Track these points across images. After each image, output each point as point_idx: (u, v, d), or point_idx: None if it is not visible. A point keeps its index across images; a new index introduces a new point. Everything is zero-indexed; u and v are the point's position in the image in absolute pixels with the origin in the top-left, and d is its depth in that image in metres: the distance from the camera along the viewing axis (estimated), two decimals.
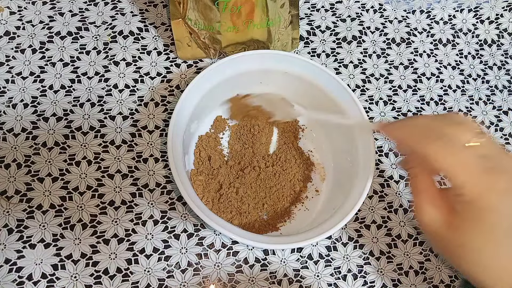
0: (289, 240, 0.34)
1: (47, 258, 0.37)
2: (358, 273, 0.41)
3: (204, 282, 0.38)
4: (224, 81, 0.39)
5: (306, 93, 0.41)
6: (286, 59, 0.40)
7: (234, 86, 0.41)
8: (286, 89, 0.42)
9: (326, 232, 0.34)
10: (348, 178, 0.38)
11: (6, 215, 0.37)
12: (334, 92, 0.40)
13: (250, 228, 0.39)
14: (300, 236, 0.34)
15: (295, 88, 0.41)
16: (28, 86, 0.41)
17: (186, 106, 0.37)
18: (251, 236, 0.34)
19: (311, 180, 0.42)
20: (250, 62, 0.39)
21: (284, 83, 0.41)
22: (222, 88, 0.40)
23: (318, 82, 0.40)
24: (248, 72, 0.40)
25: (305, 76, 0.40)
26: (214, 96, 0.40)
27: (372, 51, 0.48)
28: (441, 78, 0.49)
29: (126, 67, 0.43)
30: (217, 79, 0.39)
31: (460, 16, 0.51)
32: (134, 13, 0.45)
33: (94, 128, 0.41)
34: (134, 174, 0.40)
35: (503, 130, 0.48)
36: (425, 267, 0.42)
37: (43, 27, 0.43)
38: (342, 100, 0.39)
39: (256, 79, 0.41)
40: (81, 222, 0.38)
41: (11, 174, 0.39)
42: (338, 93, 0.39)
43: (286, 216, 0.40)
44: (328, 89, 0.40)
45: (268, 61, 0.40)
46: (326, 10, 0.49)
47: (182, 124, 0.37)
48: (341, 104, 0.39)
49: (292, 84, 0.41)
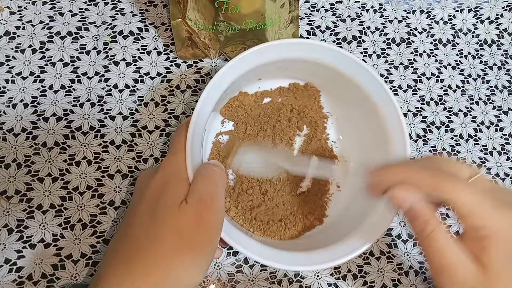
0: (321, 258, 0.32)
1: (47, 258, 0.37)
2: (358, 273, 0.41)
3: (204, 282, 0.38)
4: (249, 71, 0.36)
5: (331, 81, 0.39)
6: (314, 49, 0.36)
7: (258, 74, 0.39)
8: (313, 76, 0.40)
9: (359, 249, 0.32)
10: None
11: (6, 215, 0.37)
12: (359, 78, 0.37)
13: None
14: (331, 253, 0.33)
15: (321, 76, 0.39)
16: (28, 86, 0.41)
17: (208, 101, 0.34)
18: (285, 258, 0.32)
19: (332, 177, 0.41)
20: (277, 51, 0.36)
21: (310, 71, 0.39)
22: (245, 77, 0.37)
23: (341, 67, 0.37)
24: (274, 62, 0.37)
25: (332, 64, 0.37)
26: (235, 88, 0.38)
27: (372, 51, 0.48)
28: (441, 78, 0.49)
29: (126, 67, 0.43)
30: (242, 69, 0.35)
31: (460, 16, 0.51)
32: (134, 13, 0.45)
33: (94, 128, 0.41)
34: (134, 174, 0.40)
35: (503, 130, 0.48)
36: (425, 267, 0.42)
37: (43, 27, 0.43)
38: (368, 87, 0.37)
39: (281, 66, 0.39)
40: (81, 222, 0.38)
41: (11, 174, 0.39)
42: (366, 81, 0.36)
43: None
44: (356, 77, 0.37)
45: (295, 51, 0.36)
46: (326, 10, 0.49)
47: (203, 122, 0.34)
48: (367, 91, 0.37)
49: (319, 72, 0.38)
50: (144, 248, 0.27)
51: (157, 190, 0.29)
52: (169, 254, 0.27)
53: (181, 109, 0.43)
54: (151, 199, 0.29)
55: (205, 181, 0.30)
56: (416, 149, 0.46)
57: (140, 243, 0.27)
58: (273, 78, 0.41)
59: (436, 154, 0.46)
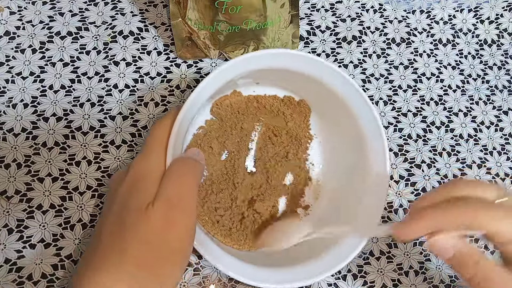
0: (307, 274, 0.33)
1: (47, 258, 0.37)
2: (358, 273, 0.41)
3: (204, 282, 0.38)
4: (248, 72, 0.36)
5: (319, 95, 0.39)
6: (306, 61, 0.36)
7: (257, 78, 0.39)
8: (309, 91, 0.40)
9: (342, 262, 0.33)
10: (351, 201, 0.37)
11: (6, 215, 0.37)
12: (346, 95, 0.37)
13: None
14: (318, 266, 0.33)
15: (310, 90, 0.39)
16: (28, 86, 0.41)
17: (195, 103, 0.33)
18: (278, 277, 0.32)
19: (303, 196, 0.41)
20: (268, 61, 0.36)
21: (301, 84, 0.39)
22: (243, 77, 0.37)
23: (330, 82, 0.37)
24: (264, 70, 0.36)
25: (322, 78, 0.37)
26: (231, 86, 0.37)
27: (372, 51, 0.48)
28: (441, 78, 0.49)
29: (126, 67, 0.43)
30: (234, 74, 0.35)
31: (460, 16, 0.51)
32: (134, 13, 0.45)
33: (94, 128, 0.41)
34: None
35: (503, 130, 0.48)
36: (425, 267, 0.42)
37: (43, 27, 0.43)
38: (355, 106, 0.36)
39: (274, 77, 0.39)
40: (81, 222, 0.38)
41: (11, 174, 0.39)
42: (361, 111, 0.36)
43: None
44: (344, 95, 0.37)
45: (285, 61, 0.36)
46: (326, 10, 0.49)
47: (186, 123, 0.33)
48: (353, 110, 0.36)
49: (310, 86, 0.38)
50: (112, 260, 0.25)
51: (125, 194, 0.28)
52: (136, 267, 0.25)
53: None
54: (119, 205, 0.28)
55: (174, 179, 0.28)
56: (416, 149, 0.46)
57: (109, 254, 0.26)
58: (271, 86, 0.41)
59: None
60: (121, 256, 0.25)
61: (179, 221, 0.26)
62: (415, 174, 0.45)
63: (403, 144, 0.46)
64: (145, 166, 0.28)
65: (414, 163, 0.45)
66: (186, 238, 0.27)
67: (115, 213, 0.27)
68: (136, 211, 0.26)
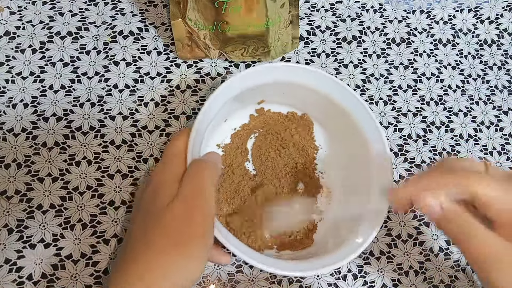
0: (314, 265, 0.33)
1: (47, 258, 0.37)
2: (358, 273, 0.41)
3: (204, 282, 0.38)
4: (247, 90, 0.37)
5: (327, 110, 0.40)
6: (315, 76, 0.38)
7: (257, 94, 0.40)
8: (310, 104, 0.41)
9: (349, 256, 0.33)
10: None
11: (6, 215, 0.37)
12: (353, 112, 0.38)
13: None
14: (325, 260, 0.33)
15: (318, 105, 0.40)
16: (28, 86, 0.41)
17: (207, 116, 0.35)
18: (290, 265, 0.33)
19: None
20: (277, 73, 0.38)
21: (307, 99, 0.40)
22: (245, 96, 0.38)
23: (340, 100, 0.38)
24: (272, 84, 0.38)
25: (330, 95, 0.38)
26: (232, 105, 0.39)
27: (372, 51, 0.48)
28: (441, 78, 0.49)
29: (126, 67, 0.43)
30: (241, 88, 0.37)
31: (460, 16, 0.51)
32: (134, 13, 0.45)
33: (94, 128, 0.41)
34: (134, 174, 0.40)
35: (503, 130, 0.48)
36: (425, 267, 0.42)
37: (43, 27, 0.43)
38: (364, 126, 0.37)
39: (280, 90, 0.40)
40: (81, 222, 0.38)
41: (11, 174, 0.39)
42: (359, 115, 0.38)
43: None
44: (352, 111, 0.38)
45: (295, 75, 0.38)
46: (326, 10, 0.49)
47: (202, 131, 0.35)
48: (362, 129, 0.38)
49: (317, 101, 0.40)
50: (139, 253, 0.28)
51: (149, 199, 0.31)
52: (160, 256, 0.27)
53: (181, 109, 0.43)
54: (144, 209, 0.31)
55: (193, 176, 0.30)
56: (416, 149, 0.46)
57: (137, 249, 0.28)
58: (273, 103, 0.42)
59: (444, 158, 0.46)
60: (146, 249, 0.28)
61: (197, 209, 0.29)
62: (415, 174, 0.45)
63: (403, 144, 0.46)
64: (164, 173, 0.31)
65: (414, 163, 0.45)
66: (205, 222, 0.29)
67: (141, 216, 0.30)
68: (159, 208, 0.29)
